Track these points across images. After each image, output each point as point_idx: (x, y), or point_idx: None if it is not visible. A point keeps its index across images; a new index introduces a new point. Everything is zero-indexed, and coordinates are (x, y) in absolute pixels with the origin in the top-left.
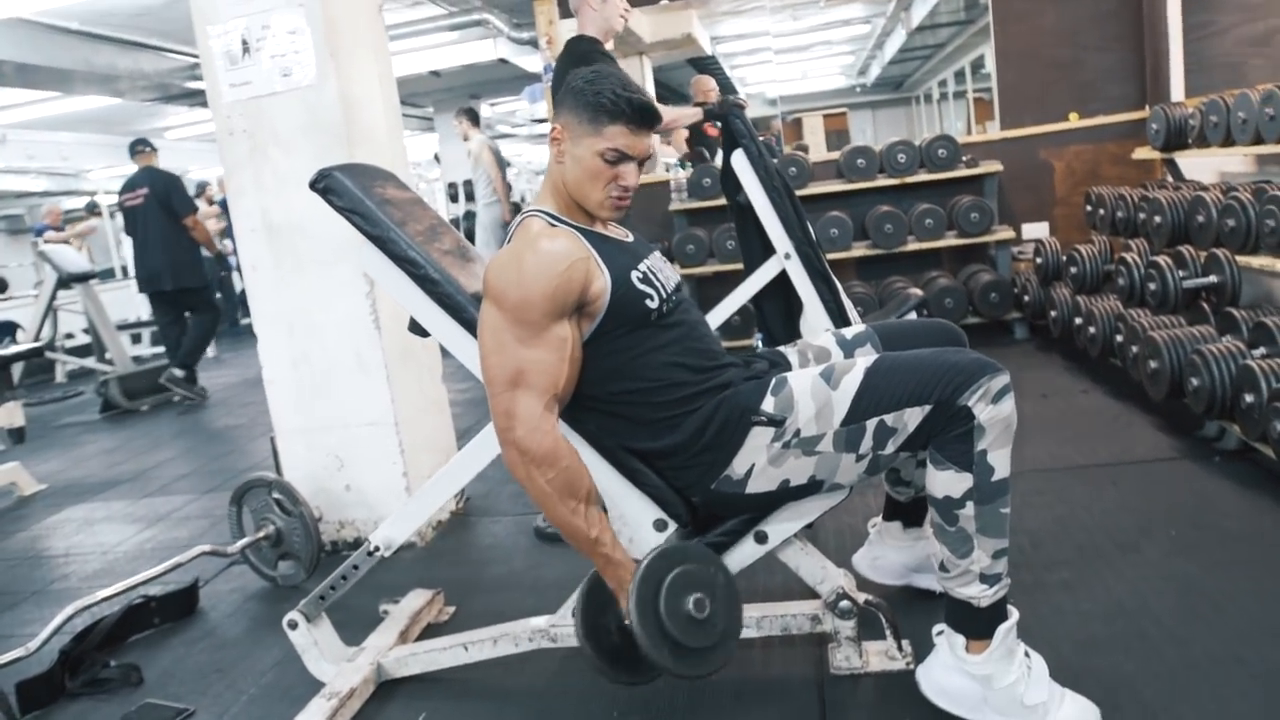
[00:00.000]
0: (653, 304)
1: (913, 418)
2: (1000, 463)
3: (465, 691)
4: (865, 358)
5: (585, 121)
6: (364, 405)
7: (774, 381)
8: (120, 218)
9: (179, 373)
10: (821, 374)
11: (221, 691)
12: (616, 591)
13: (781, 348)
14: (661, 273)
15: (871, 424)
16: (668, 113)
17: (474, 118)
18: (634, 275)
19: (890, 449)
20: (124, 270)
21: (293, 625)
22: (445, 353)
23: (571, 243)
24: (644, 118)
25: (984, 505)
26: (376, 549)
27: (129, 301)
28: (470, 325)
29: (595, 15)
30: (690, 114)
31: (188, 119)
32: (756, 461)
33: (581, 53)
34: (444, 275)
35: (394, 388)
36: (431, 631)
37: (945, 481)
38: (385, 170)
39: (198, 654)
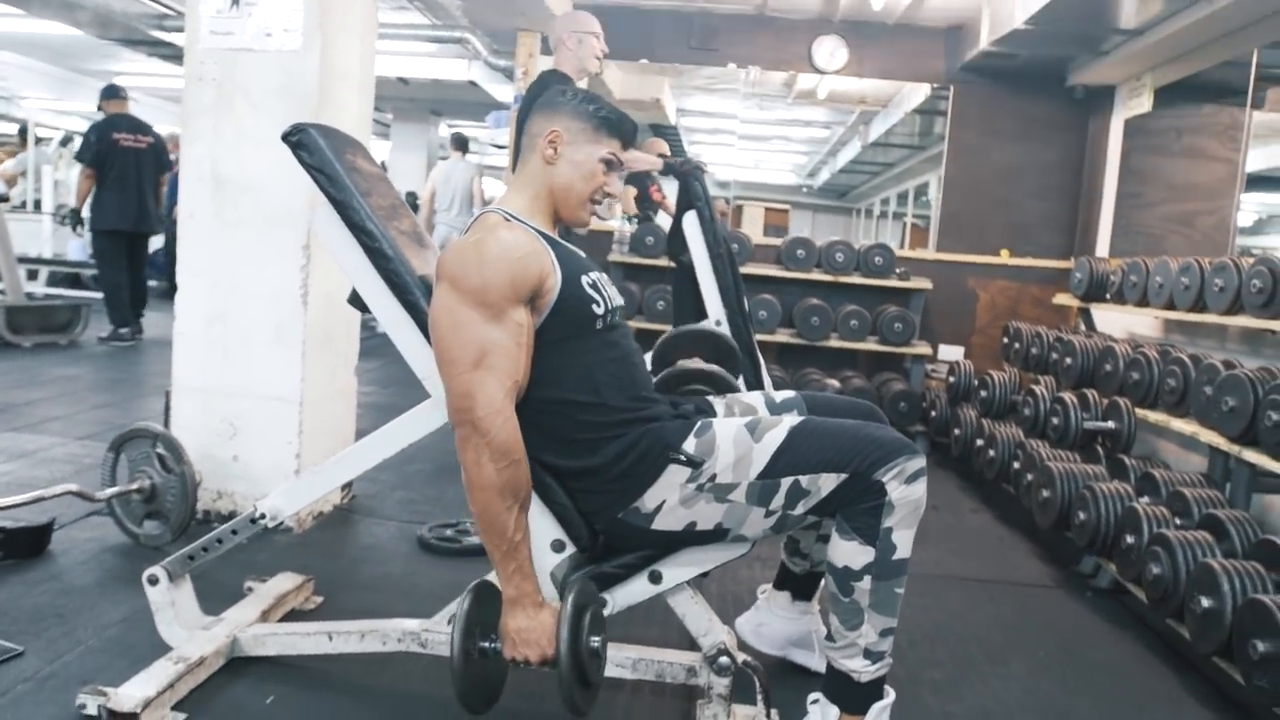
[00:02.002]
0: (598, 309)
1: (827, 483)
2: (903, 543)
3: (320, 683)
4: (792, 417)
5: (589, 129)
6: (273, 378)
7: (699, 424)
8: (64, 149)
9: (125, 330)
10: (747, 425)
11: (58, 638)
12: (512, 603)
13: (710, 398)
14: (608, 288)
15: (786, 482)
16: (630, 151)
17: (456, 143)
18: (584, 280)
19: (800, 510)
20: (36, 204)
21: (153, 580)
22: (364, 347)
23: (529, 237)
24: (632, 136)
25: (881, 581)
26: (262, 516)
27: (34, 236)
28: (412, 308)
29: (570, 55)
30: (650, 160)
31: (142, 68)
32: (668, 499)
33: (553, 86)
34: (397, 253)
35: (307, 367)
36: (295, 617)
37: (847, 552)
38: (358, 141)
39: (38, 595)
